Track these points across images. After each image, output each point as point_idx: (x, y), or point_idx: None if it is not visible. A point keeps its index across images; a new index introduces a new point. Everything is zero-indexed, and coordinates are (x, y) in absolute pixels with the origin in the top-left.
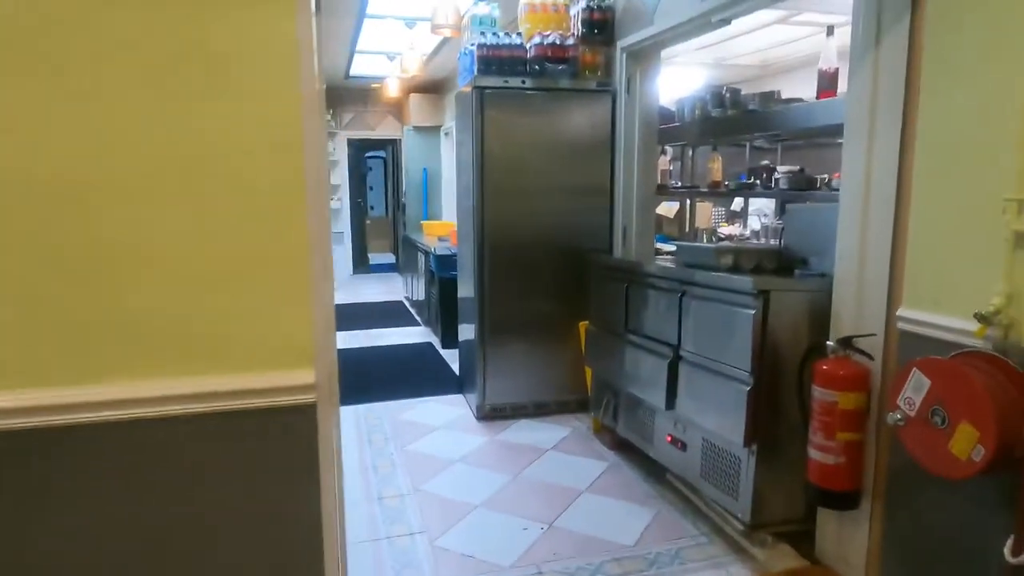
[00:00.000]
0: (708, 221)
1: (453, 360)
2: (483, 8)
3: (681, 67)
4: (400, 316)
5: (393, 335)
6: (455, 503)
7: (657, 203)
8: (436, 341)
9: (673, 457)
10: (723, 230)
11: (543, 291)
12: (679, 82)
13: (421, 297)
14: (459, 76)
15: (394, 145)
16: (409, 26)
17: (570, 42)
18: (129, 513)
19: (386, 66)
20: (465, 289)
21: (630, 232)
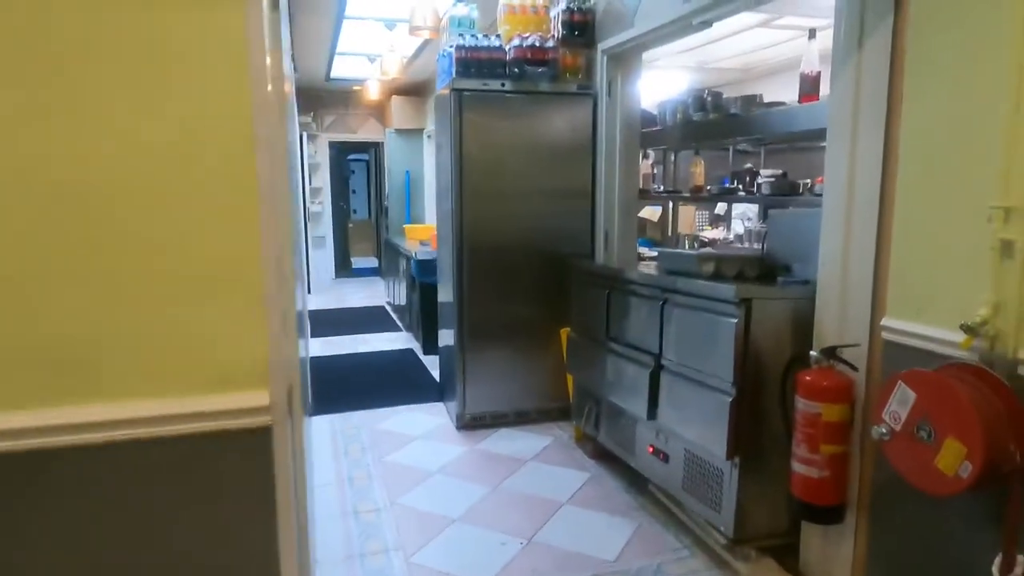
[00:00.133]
0: (691, 225)
1: (434, 367)
2: (461, 9)
3: (663, 71)
4: (382, 321)
5: (374, 341)
6: (432, 517)
7: (639, 207)
8: (417, 347)
9: (655, 468)
10: (706, 234)
11: (524, 296)
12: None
13: (403, 302)
14: (438, 78)
15: (377, 148)
16: (389, 28)
17: (550, 44)
18: (69, 545)
19: (367, 68)
20: (445, 293)
21: (612, 236)
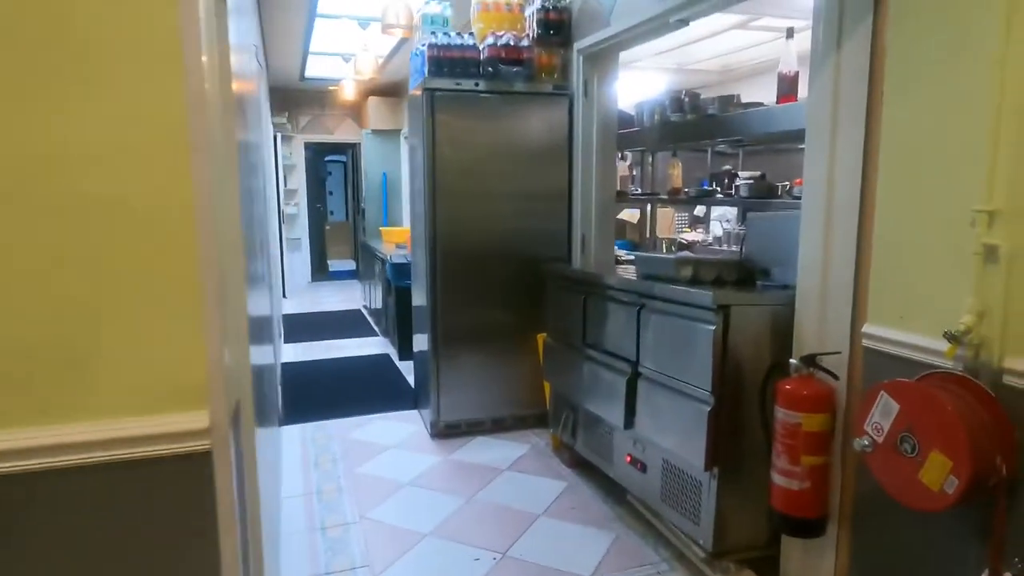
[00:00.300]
0: (670, 227)
1: (410, 372)
2: (435, 7)
3: (642, 72)
4: (358, 326)
5: (349, 346)
6: (403, 532)
7: (617, 210)
8: (394, 353)
9: (633, 478)
10: (685, 236)
11: (500, 300)
12: (640, 87)
13: (379, 306)
14: (410, 78)
15: (354, 149)
16: (363, 26)
17: (525, 43)
18: None
19: (342, 68)
20: (419, 297)
21: (589, 239)
